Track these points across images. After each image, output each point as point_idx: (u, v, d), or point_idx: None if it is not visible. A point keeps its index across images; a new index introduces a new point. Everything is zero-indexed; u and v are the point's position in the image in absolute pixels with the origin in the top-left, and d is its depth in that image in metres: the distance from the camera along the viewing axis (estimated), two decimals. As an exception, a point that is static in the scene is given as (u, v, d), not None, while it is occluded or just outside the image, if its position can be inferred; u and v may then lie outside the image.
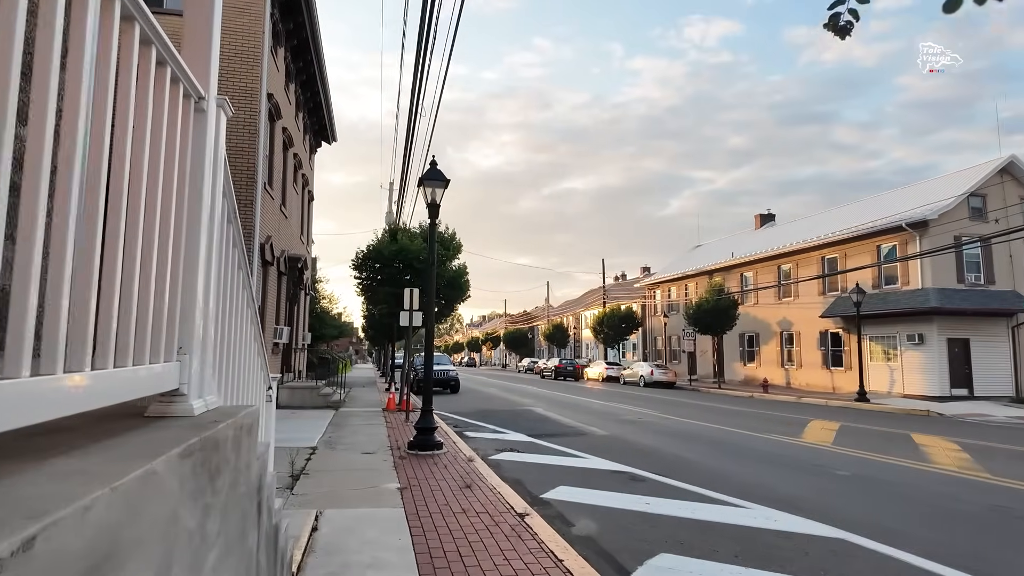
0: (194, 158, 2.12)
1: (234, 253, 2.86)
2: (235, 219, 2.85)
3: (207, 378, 2.23)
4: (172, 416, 1.98)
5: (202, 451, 1.64)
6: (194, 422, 1.88)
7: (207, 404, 2.18)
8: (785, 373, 30.55)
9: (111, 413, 2.00)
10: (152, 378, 1.81)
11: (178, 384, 2.01)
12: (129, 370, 1.65)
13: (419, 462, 8.05)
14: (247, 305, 3.18)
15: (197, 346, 2.12)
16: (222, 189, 2.49)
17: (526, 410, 17.63)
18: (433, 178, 9.38)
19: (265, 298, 13.89)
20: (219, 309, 2.59)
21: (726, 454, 9.97)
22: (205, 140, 2.17)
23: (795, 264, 30.46)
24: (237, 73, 12.22)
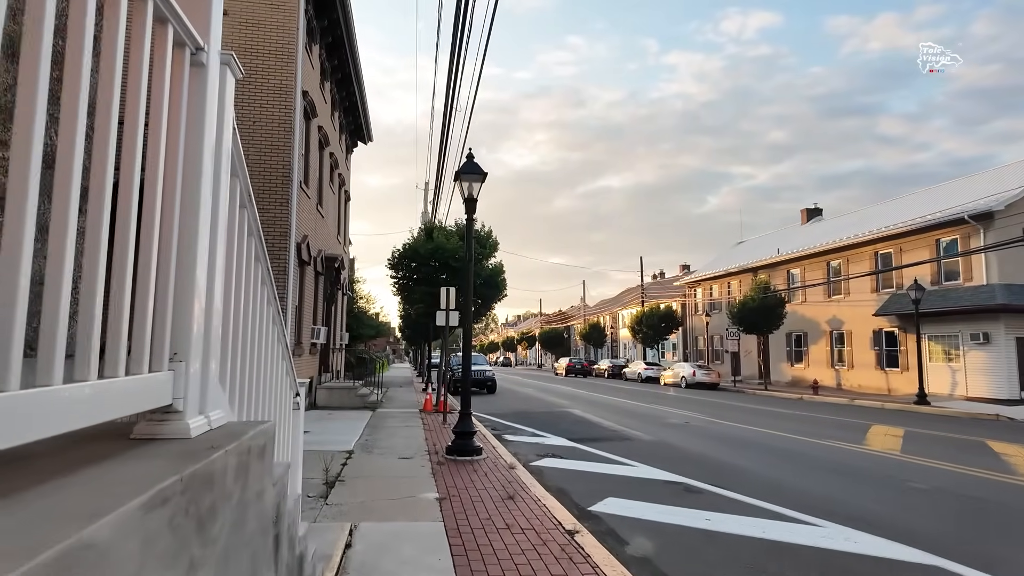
0: (190, 124, 1.73)
1: (250, 242, 2.48)
2: (250, 204, 2.47)
3: (211, 390, 1.85)
4: (162, 439, 1.59)
5: (186, 493, 1.24)
6: (185, 449, 1.49)
7: (211, 422, 1.79)
8: (835, 374, 29.23)
9: (88, 435, 1.63)
10: (133, 393, 1.42)
11: (171, 399, 1.62)
12: (95, 385, 1.26)
13: (458, 468, 7.66)
14: (267, 302, 2.81)
15: (197, 351, 1.73)
16: (229, 164, 2.11)
17: (564, 412, 17.13)
18: (470, 172, 8.99)
19: (302, 298, 13.76)
20: (230, 306, 2.22)
21: (785, 462, 9.30)
22: (204, 102, 1.78)
23: (845, 260, 29.12)
24: (271, 70, 12.09)
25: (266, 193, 11.80)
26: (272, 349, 2.91)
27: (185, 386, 1.66)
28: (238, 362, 2.32)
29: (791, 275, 33.15)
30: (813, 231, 34.68)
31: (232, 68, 2.02)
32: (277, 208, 11.83)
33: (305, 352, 14.06)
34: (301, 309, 13.66)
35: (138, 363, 1.48)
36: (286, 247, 11.80)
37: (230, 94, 2.03)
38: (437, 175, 14.78)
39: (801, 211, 39.34)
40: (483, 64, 8.56)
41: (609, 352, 57.38)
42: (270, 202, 11.80)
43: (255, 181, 11.79)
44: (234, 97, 2.24)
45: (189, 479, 1.26)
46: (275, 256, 11.72)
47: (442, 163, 14.67)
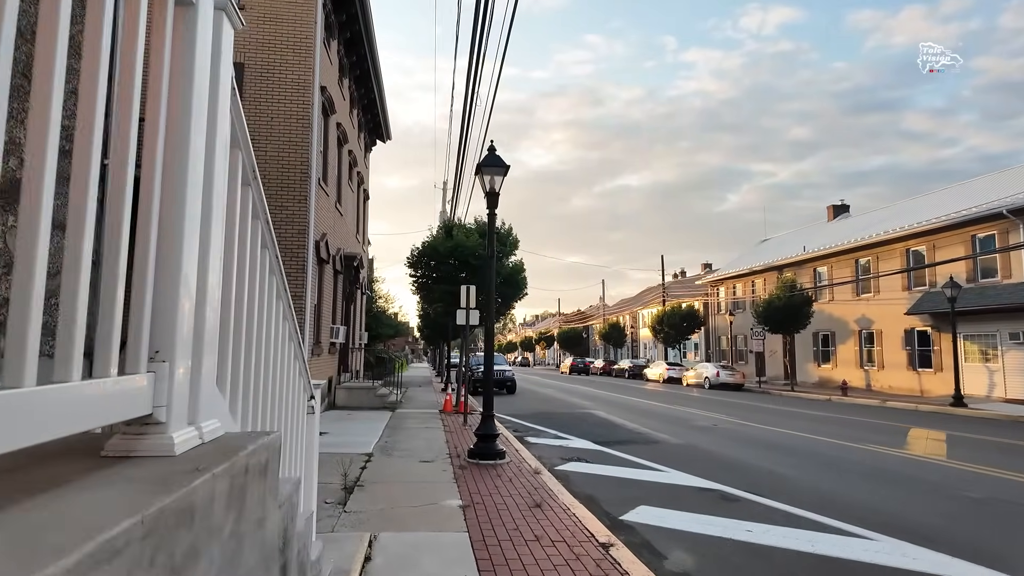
0: (174, 79, 1.42)
1: (255, 226, 2.19)
2: (255, 182, 2.17)
3: (205, 395, 1.55)
4: (138, 456, 1.29)
5: (151, 537, 0.93)
6: (161, 472, 1.18)
7: (203, 434, 1.49)
8: (865, 375, 28.42)
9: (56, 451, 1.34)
10: (92, 403, 1.12)
11: (151, 407, 1.32)
12: (43, 392, 0.96)
13: (481, 473, 7.35)
14: (277, 296, 2.51)
15: (185, 349, 1.43)
16: (228, 131, 1.81)
17: (587, 413, 16.75)
18: (492, 164, 8.67)
19: (321, 297, 13.58)
20: (231, 298, 1.92)
21: (824, 468, 8.83)
22: (193, 52, 1.47)
23: (875, 257, 28.29)
24: (289, 64, 11.89)
25: (284, 190, 11.62)
26: (283, 348, 2.62)
27: (169, 391, 1.36)
28: (241, 362, 2.02)
29: (818, 273, 32.35)
30: (840, 228, 33.82)
31: (230, 15, 1.72)
32: (295, 205, 11.64)
33: (324, 351, 13.87)
34: (320, 308, 13.47)
35: (104, 363, 1.18)
36: (304, 245, 11.60)
37: (227, 46, 1.73)
38: (457, 167, 14.51)
39: (827, 208, 38.44)
40: (503, 62, 8.29)
41: (629, 352, 56.75)
42: (288, 199, 11.61)
43: (272, 178, 11.61)
44: (250, 90, 1.95)
45: (156, 518, 0.95)
46: (293, 254, 11.54)
47: (461, 157, 14.41)
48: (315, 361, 12.72)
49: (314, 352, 12.51)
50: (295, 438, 2.84)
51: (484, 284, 11.45)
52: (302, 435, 3.02)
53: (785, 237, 40.95)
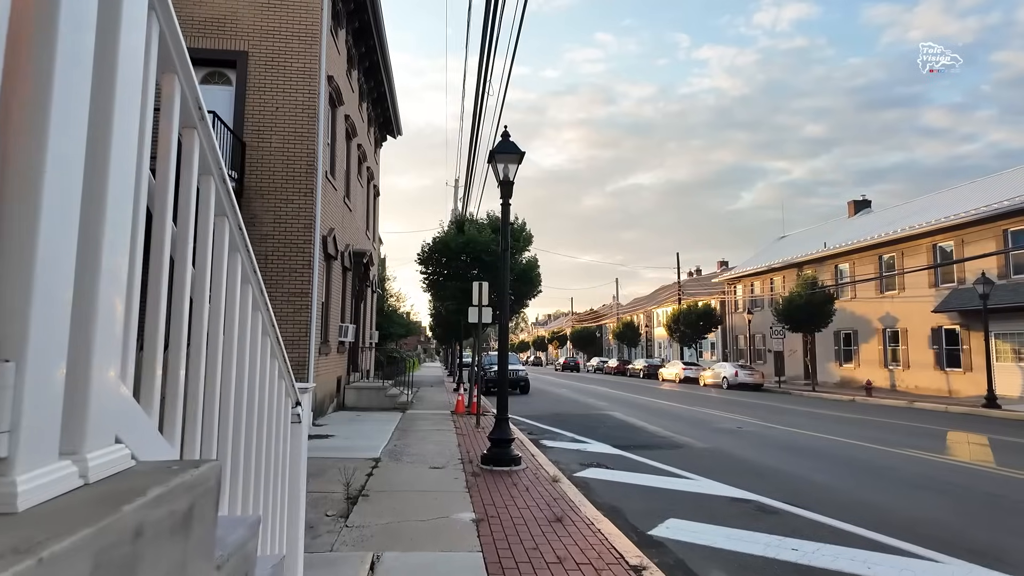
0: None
1: (204, 183, 1.67)
2: (205, 126, 1.66)
3: (103, 410, 1.02)
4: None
5: None
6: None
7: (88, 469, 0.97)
8: (889, 374, 27.54)
9: None
10: None
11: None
12: None
13: (495, 481, 6.83)
14: (244, 280, 1.99)
15: (52, 342, 0.90)
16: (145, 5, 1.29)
17: (604, 415, 16.18)
18: (505, 151, 8.15)
19: (328, 294, 13.14)
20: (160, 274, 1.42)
21: (864, 476, 8.21)
22: None
23: (899, 253, 27.39)
24: (295, 53, 11.45)
25: (290, 183, 11.18)
26: (253, 344, 2.11)
27: (15, 408, 0.84)
28: (181, 363, 1.51)
29: (839, 270, 31.49)
30: (862, 224, 32.91)
31: None
32: (301, 198, 11.19)
33: (332, 351, 13.43)
34: (328, 306, 13.04)
35: None
36: (311, 240, 11.16)
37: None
38: (469, 160, 14.00)
39: (848, 203, 37.49)
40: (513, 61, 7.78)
41: (643, 351, 55.99)
42: (294, 192, 11.17)
43: (278, 170, 11.18)
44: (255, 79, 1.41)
45: None
46: (299, 249, 11.09)
47: (474, 148, 13.91)
48: (322, 361, 12.28)
49: (321, 351, 12.07)
50: (272, 457, 2.33)
51: (497, 280, 10.94)
52: (282, 453, 2.51)
53: (804, 234, 40.02)
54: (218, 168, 1.72)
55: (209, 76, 11.47)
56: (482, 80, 9.73)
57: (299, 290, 11.03)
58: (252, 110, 11.26)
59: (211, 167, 1.69)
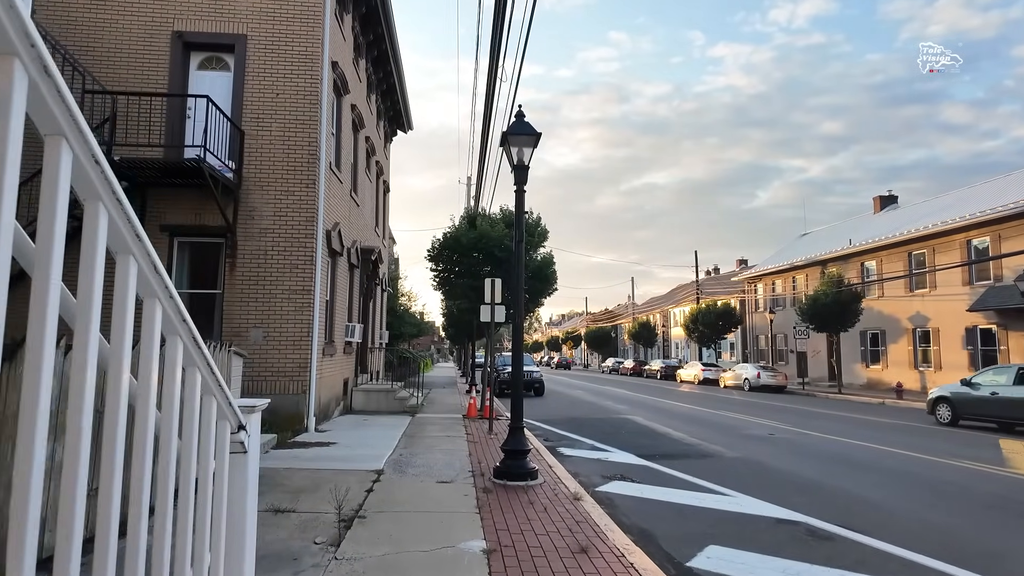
0: None
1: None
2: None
3: None
4: None
5: None
6: None
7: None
8: (919, 376, 26.37)
9: None
10: None
11: None
12: None
13: (509, 499, 6.09)
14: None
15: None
16: None
17: (624, 419, 15.37)
18: (519, 132, 7.41)
19: (334, 292, 12.48)
20: None
21: (923, 492, 7.36)
22: None
23: (930, 250, 26.22)
24: (295, 36, 10.79)
25: (291, 173, 10.53)
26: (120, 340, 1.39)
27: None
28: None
29: (865, 268, 30.34)
30: (889, 219, 31.70)
31: None
32: (302, 190, 10.53)
33: (338, 351, 12.78)
34: (333, 304, 12.38)
35: None
36: (313, 234, 10.49)
37: None
38: (482, 149, 13.29)
39: (873, 199, 36.21)
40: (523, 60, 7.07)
41: (660, 352, 54.94)
42: (294, 183, 10.51)
43: (278, 159, 10.54)
44: None
45: None
46: (300, 244, 10.44)
47: (486, 141, 13.19)
48: (327, 362, 11.62)
49: (326, 352, 11.41)
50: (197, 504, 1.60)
51: (511, 275, 10.20)
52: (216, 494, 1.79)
53: (827, 231, 38.82)
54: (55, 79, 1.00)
55: (206, 62, 10.87)
56: (494, 68, 9.29)
57: (301, 287, 10.37)
58: (251, 97, 10.63)
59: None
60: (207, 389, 1.76)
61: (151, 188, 10.18)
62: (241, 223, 10.33)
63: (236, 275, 10.24)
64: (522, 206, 7.60)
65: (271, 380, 10.12)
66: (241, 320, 10.17)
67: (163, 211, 10.24)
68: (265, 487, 6.21)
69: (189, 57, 10.74)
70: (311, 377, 10.29)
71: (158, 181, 9.99)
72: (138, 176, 9.76)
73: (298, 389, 10.19)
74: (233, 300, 10.21)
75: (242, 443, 2.01)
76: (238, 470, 2.01)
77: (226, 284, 10.26)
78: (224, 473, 1.89)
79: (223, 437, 1.90)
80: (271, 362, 10.16)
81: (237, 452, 2.01)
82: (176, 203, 10.21)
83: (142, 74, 10.44)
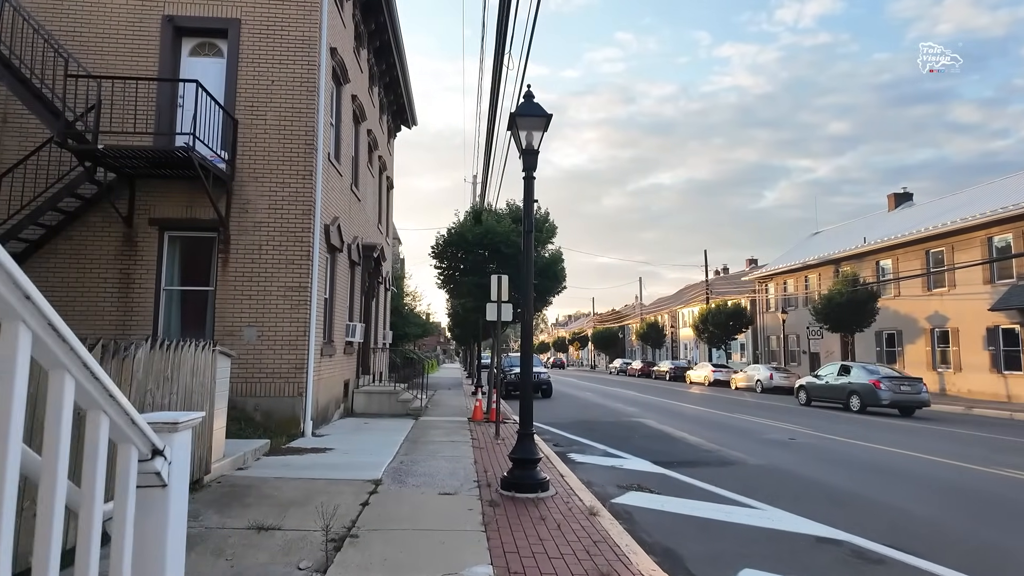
0: None
1: None
2: None
3: None
4: None
5: None
6: None
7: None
8: (938, 378, 25.64)
9: None
10: None
11: None
12: None
13: (519, 514, 5.52)
14: None
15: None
16: None
17: (635, 422, 14.78)
18: (528, 114, 6.84)
19: (333, 290, 11.95)
20: None
21: (973, 506, 6.74)
22: None
23: (949, 248, 25.48)
24: (291, 19, 10.28)
25: (286, 164, 10.01)
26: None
27: None
28: None
29: (880, 267, 29.60)
30: (905, 217, 30.95)
31: None
32: (299, 182, 10.01)
33: (338, 352, 12.25)
34: (332, 302, 11.85)
35: None
36: (310, 227, 9.97)
37: None
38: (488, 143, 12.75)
39: (888, 196, 35.45)
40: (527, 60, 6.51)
41: (668, 353, 54.21)
42: (290, 174, 9.99)
43: (273, 150, 10.02)
44: None
45: None
46: (296, 238, 9.92)
47: (493, 133, 12.65)
48: (326, 363, 11.09)
49: (324, 352, 10.88)
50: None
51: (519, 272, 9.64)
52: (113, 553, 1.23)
53: (839, 229, 38.05)
54: None
55: (199, 48, 10.37)
56: (498, 78, 8.98)
57: (297, 284, 9.84)
58: (245, 84, 10.11)
59: None
60: (89, 400, 1.20)
61: (140, 180, 9.69)
62: (234, 216, 9.82)
63: (229, 271, 9.73)
64: (531, 194, 7.03)
65: (265, 382, 9.60)
66: (234, 318, 9.66)
67: (153, 204, 9.74)
68: (251, 500, 5.67)
69: (180, 43, 10.24)
70: (308, 379, 9.76)
71: (147, 172, 9.50)
72: (126, 167, 9.27)
73: (294, 391, 9.66)
74: (226, 297, 9.69)
75: (158, 473, 1.46)
76: (153, 511, 1.46)
77: (219, 280, 9.75)
78: (126, 518, 1.34)
79: (125, 467, 1.35)
80: (265, 363, 9.64)
81: (151, 486, 1.45)
82: (166, 195, 9.72)
83: (132, 61, 9.95)
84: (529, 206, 7.07)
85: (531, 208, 7.07)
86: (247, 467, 7.14)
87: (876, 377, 18.35)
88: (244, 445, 7.65)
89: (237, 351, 9.01)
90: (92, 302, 9.52)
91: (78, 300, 9.47)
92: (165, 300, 9.77)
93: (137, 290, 9.60)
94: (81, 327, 9.23)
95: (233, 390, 8.70)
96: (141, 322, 9.50)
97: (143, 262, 9.66)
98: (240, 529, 4.75)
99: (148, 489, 1.46)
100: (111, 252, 9.62)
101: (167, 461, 1.49)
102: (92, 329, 9.13)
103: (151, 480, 1.46)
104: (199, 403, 5.89)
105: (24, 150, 9.22)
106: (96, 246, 9.61)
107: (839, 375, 19.85)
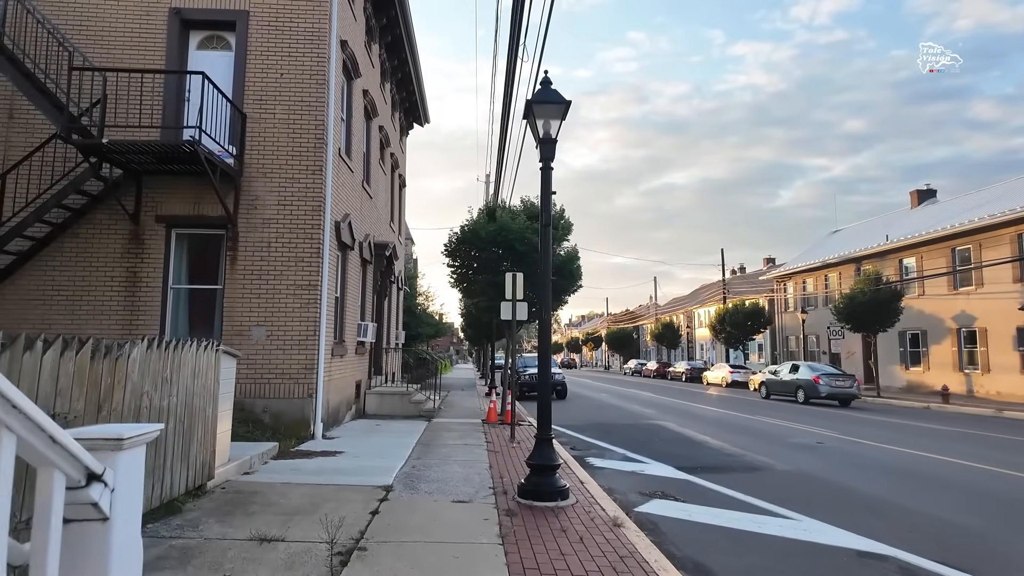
0: None
1: None
2: None
3: None
4: None
5: None
6: None
7: None
8: (965, 379, 24.90)
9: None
10: None
11: None
12: None
13: (538, 525, 5.18)
14: None
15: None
16: None
17: (655, 424, 14.37)
18: (545, 100, 6.50)
19: (344, 288, 11.68)
20: None
21: (1014, 512, 6.29)
22: None
23: (976, 245, 24.73)
24: (301, 11, 10.03)
25: (295, 159, 9.75)
26: None
27: None
28: None
29: (903, 265, 28.86)
30: (929, 214, 30.15)
31: None
32: (308, 177, 9.75)
33: (349, 352, 11.98)
34: (343, 302, 11.59)
35: None
36: (319, 224, 9.70)
37: None
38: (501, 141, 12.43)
39: (910, 193, 34.60)
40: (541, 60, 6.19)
41: (684, 354, 53.54)
42: (300, 170, 9.74)
43: (282, 144, 9.78)
44: None
45: None
46: (306, 235, 9.66)
47: (507, 128, 12.32)
48: (337, 363, 10.83)
49: (335, 352, 10.62)
50: None
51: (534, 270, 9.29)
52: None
53: (860, 227, 37.25)
54: None
55: (206, 41, 10.15)
56: (511, 77, 8.71)
57: (306, 282, 9.58)
58: (254, 77, 9.88)
59: None
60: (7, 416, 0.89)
61: (147, 176, 9.48)
62: (243, 213, 9.58)
63: (237, 269, 9.49)
64: (549, 185, 6.69)
65: (274, 383, 9.35)
66: (243, 317, 9.42)
67: (160, 201, 9.53)
68: (256, 507, 5.39)
69: (188, 36, 10.03)
70: (318, 379, 9.49)
71: (154, 168, 9.28)
72: (132, 162, 9.06)
73: (304, 392, 9.40)
74: (234, 296, 9.45)
75: (95, 504, 1.15)
76: (90, 552, 1.14)
77: (227, 279, 9.52)
78: (46, 563, 1.03)
79: (46, 497, 1.04)
80: (275, 363, 9.38)
81: (86, 519, 1.15)
82: (174, 192, 9.51)
83: (139, 54, 9.75)
84: (547, 198, 6.73)
85: (549, 200, 6.73)
86: (253, 471, 6.87)
87: (817, 374, 21.78)
88: (251, 448, 7.39)
89: (245, 351, 8.78)
90: (98, 301, 9.32)
91: (84, 299, 9.28)
92: (172, 299, 9.56)
93: (144, 289, 9.39)
94: (87, 326, 9.04)
95: (241, 391, 8.46)
96: (148, 321, 9.28)
97: (150, 260, 9.46)
98: (241, 540, 4.46)
99: (82, 524, 1.15)
100: (118, 250, 9.43)
101: (108, 488, 1.18)
102: (98, 329, 8.93)
103: (86, 513, 1.15)
104: (201, 406, 5.62)
105: (31, 146, 9.05)
106: (102, 244, 9.42)
107: (790, 372, 23.36)
